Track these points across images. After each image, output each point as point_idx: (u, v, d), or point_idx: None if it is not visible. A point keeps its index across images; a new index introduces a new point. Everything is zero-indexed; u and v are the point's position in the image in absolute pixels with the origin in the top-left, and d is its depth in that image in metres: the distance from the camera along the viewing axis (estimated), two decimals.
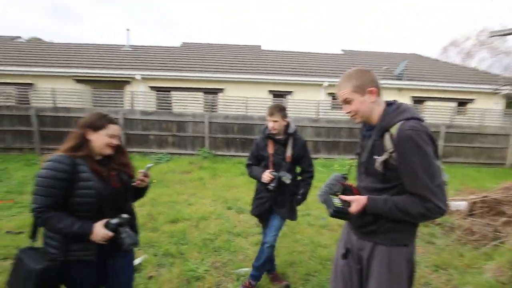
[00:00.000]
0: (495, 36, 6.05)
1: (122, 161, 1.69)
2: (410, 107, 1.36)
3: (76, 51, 12.85)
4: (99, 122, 1.57)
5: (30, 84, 10.36)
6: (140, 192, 1.77)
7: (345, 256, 1.50)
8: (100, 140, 1.56)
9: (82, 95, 9.16)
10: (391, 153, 1.28)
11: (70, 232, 1.43)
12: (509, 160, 9.72)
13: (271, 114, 2.37)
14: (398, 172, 1.28)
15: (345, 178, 1.51)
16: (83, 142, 1.55)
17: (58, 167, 1.45)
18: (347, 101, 1.39)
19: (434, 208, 1.20)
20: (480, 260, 3.07)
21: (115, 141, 1.59)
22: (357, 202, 1.34)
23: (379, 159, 1.31)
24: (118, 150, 1.67)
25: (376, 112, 1.37)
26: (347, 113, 1.42)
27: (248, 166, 2.61)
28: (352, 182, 1.53)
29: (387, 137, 1.30)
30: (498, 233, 3.61)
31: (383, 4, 59.70)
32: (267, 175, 2.36)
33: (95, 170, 1.53)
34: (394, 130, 1.28)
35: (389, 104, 1.40)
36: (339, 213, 1.33)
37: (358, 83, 1.35)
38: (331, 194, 1.41)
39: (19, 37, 14.99)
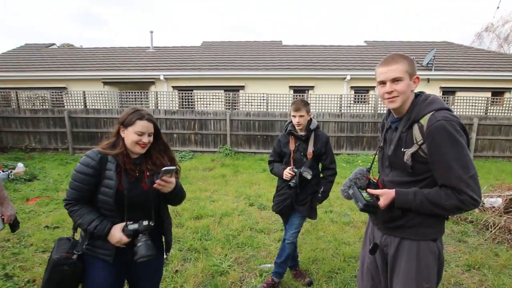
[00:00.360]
0: None
1: (159, 162, 1.56)
2: (439, 98, 1.31)
3: (104, 54, 13.47)
4: (128, 119, 1.48)
5: (64, 88, 11.01)
6: (171, 197, 1.56)
7: (373, 251, 1.46)
8: (129, 138, 1.47)
9: (110, 97, 9.59)
10: (420, 145, 1.24)
11: (88, 229, 1.40)
12: None
13: (297, 109, 2.32)
14: (428, 164, 1.24)
15: (369, 171, 1.48)
16: (118, 140, 1.50)
17: (87, 162, 1.43)
18: (396, 80, 1.27)
19: (469, 200, 1.16)
20: None
21: (144, 139, 1.47)
22: (386, 196, 1.30)
23: (408, 151, 1.27)
24: (158, 149, 1.57)
25: (408, 103, 1.33)
26: (389, 93, 1.30)
27: (270, 163, 2.61)
28: (374, 176, 1.50)
29: (416, 129, 1.26)
30: None
31: (383, 4, 57.16)
32: (287, 172, 2.36)
33: (126, 169, 1.46)
34: (424, 121, 1.23)
35: (416, 95, 1.36)
36: (369, 206, 1.29)
37: (411, 66, 1.28)
38: (358, 188, 1.38)
39: (54, 44, 15.95)
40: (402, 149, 1.30)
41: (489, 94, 10.59)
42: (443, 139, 1.17)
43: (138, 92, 9.43)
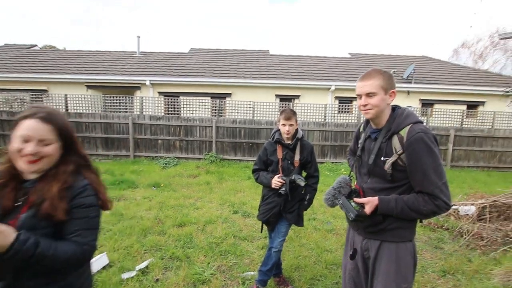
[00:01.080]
0: (505, 38, 5.97)
1: (46, 190, 1.01)
2: (413, 112, 1.42)
3: (89, 57, 13.22)
4: (16, 119, 1.03)
5: (45, 90, 10.69)
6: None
7: (353, 256, 1.53)
8: (11, 148, 1.01)
9: (93, 101, 9.40)
10: (399, 154, 1.33)
11: None
12: None
13: (288, 118, 2.37)
14: (406, 172, 1.33)
15: (351, 180, 1.54)
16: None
17: None
18: (370, 94, 1.38)
19: (443, 205, 1.27)
20: (489, 265, 3.02)
21: (28, 147, 0.98)
22: (370, 204, 1.38)
23: (389, 160, 1.36)
24: (64, 169, 1.06)
25: (385, 115, 1.42)
26: (364, 106, 1.40)
27: (255, 171, 2.62)
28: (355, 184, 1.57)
29: (396, 139, 1.35)
30: (508, 238, 3.55)
31: (367, 18, 59.71)
32: (277, 181, 2.38)
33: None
34: (403, 132, 1.33)
35: (393, 108, 1.45)
36: (360, 216, 1.36)
37: (386, 81, 1.38)
38: (346, 198, 1.44)
39: (35, 45, 15.50)
40: (382, 158, 1.39)
41: (464, 107, 11.14)
42: (422, 149, 1.27)
43: (122, 97, 9.29)
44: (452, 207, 4.62)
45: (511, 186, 4.74)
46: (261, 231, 2.76)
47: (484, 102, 11.50)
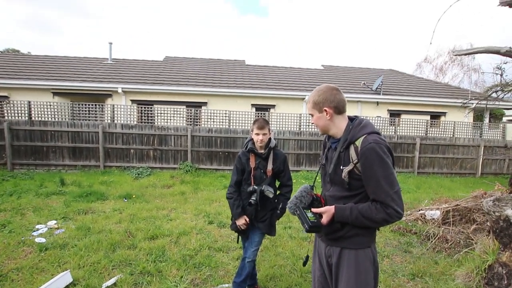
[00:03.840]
0: (459, 55, 6.50)
1: None
2: (370, 122, 1.49)
3: (55, 63, 12.59)
4: None
5: (5, 96, 10.00)
6: None
7: (304, 263, 1.61)
8: None
9: (60, 108, 8.91)
10: (355, 163, 1.38)
11: None
12: (479, 170, 10.24)
13: (262, 127, 2.40)
14: (362, 180, 1.39)
15: (313, 188, 1.58)
16: None
17: None
18: (310, 114, 1.56)
19: (394, 213, 1.31)
20: (453, 266, 3.18)
21: None
22: (328, 213, 1.43)
23: (345, 169, 1.41)
24: None
25: (339, 127, 1.49)
26: (313, 123, 1.58)
27: (232, 189, 2.53)
28: (318, 191, 1.62)
29: (352, 149, 1.41)
30: (469, 240, 3.78)
31: (337, 32, 63.00)
32: (243, 224, 2.45)
33: None
34: (358, 142, 1.39)
35: (351, 119, 1.52)
36: (314, 227, 1.39)
37: (316, 101, 1.49)
38: (304, 208, 1.46)
39: None
40: (341, 167, 1.44)
41: (428, 117, 11.89)
42: (373, 159, 1.33)
43: (92, 105, 8.90)
44: (419, 212, 4.85)
45: (471, 191, 5.06)
46: (237, 242, 2.72)
47: (445, 112, 12.35)
